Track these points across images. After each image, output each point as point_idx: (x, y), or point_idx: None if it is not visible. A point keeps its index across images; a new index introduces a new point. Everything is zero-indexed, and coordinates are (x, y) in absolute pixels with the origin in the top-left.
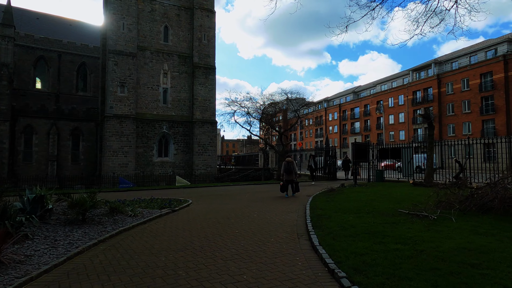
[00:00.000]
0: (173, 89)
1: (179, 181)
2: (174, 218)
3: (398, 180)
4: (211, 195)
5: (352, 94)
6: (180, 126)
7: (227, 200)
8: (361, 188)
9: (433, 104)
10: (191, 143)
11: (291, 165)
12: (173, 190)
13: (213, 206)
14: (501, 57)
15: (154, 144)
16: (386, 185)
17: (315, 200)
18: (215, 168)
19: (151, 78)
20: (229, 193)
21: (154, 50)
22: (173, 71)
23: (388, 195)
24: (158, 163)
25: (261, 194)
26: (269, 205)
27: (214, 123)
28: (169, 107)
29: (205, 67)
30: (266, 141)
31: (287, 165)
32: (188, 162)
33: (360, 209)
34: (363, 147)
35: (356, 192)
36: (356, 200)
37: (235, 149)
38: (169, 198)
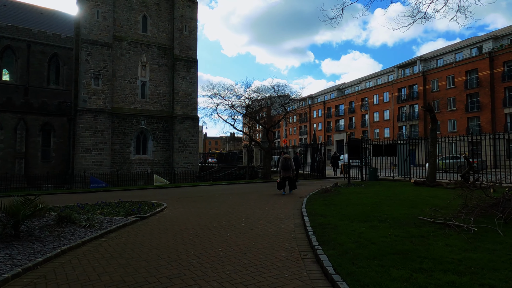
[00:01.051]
0: (152, 82)
1: (157, 180)
2: (142, 229)
3: (394, 179)
4: (191, 196)
5: (337, 91)
6: (160, 121)
7: (209, 203)
8: (358, 188)
9: (418, 101)
10: (171, 140)
11: (288, 161)
12: (149, 191)
13: (192, 211)
14: (486, 54)
15: (132, 140)
16: (384, 184)
17: (311, 202)
18: (196, 166)
19: (129, 71)
20: (211, 194)
21: (131, 40)
22: (152, 63)
23: (394, 196)
24: (136, 160)
25: (247, 196)
26: (258, 209)
27: (196, 119)
28: (147, 101)
29: (186, 60)
30: (252, 137)
31: (284, 162)
32: (168, 160)
33: (369, 216)
34: (357, 143)
35: (355, 193)
36: (359, 204)
37: (218, 147)
38: (140, 201)
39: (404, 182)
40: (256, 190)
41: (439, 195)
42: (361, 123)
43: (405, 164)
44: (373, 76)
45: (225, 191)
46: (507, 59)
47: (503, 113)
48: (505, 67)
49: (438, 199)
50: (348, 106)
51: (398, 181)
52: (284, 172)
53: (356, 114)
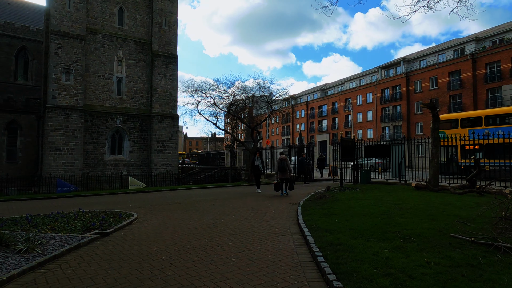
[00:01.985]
0: (129, 78)
1: (133, 182)
2: (99, 253)
3: (388, 182)
4: (168, 203)
5: (320, 92)
6: (137, 120)
7: (189, 212)
8: (354, 192)
9: (402, 102)
10: (149, 140)
11: (284, 162)
12: (121, 196)
13: (168, 224)
14: (469, 55)
15: (106, 140)
16: (381, 188)
17: (307, 211)
18: (176, 167)
19: (103, 66)
20: (191, 200)
21: (106, 34)
22: (129, 58)
23: (401, 204)
24: (111, 161)
25: (232, 202)
26: (247, 220)
27: (176, 118)
28: (124, 98)
29: (166, 56)
30: (235, 137)
31: (281, 163)
32: (145, 161)
33: (385, 231)
34: (350, 143)
35: (354, 199)
36: (366, 214)
37: (199, 147)
38: (106, 211)
39: (403, 186)
40: (241, 195)
41: (453, 202)
42: (344, 123)
43: (400, 166)
44: (356, 77)
45: (207, 196)
46: (489, 60)
47: None
48: (487, 68)
49: (455, 207)
50: (331, 107)
51: (393, 185)
52: (281, 174)
53: (339, 115)
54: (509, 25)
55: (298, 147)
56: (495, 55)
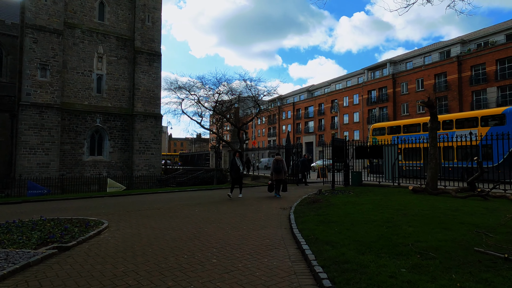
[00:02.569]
0: (110, 76)
1: (111, 184)
2: (49, 277)
3: (380, 184)
4: (147, 208)
5: (306, 93)
6: (118, 119)
7: (168, 219)
8: (348, 196)
9: (388, 103)
10: (130, 140)
11: (281, 163)
12: (96, 200)
13: (143, 234)
14: (455, 58)
15: (85, 140)
16: (376, 191)
17: (301, 218)
18: (159, 169)
19: (82, 62)
20: (172, 204)
21: (86, 29)
22: (110, 55)
23: (404, 210)
24: (90, 162)
25: (217, 207)
26: (234, 229)
27: (159, 117)
28: (104, 97)
29: (149, 53)
30: (221, 137)
31: (276, 164)
32: (126, 162)
33: (395, 244)
34: (341, 143)
35: (350, 203)
36: (367, 221)
37: (183, 148)
38: (72, 218)
39: (398, 189)
40: (227, 199)
41: (460, 207)
42: (331, 125)
43: (394, 168)
44: (343, 78)
45: (190, 200)
46: (475, 63)
47: None
48: (472, 71)
49: (465, 214)
50: (317, 108)
51: (387, 187)
52: (276, 175)
53: (326, 116)
54: (493, 28)
55: (286, 148)
56: (480, 57)
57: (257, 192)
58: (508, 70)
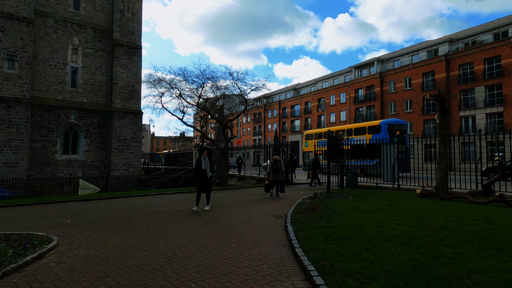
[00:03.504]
0: (86, 69)
1: (84, 186)
2: None
3: (378, 186)
4: (114, 217)
5: (292, 91)
6: (95, 116)
7: (138, 232)
8: (349, 201)
9: (375, 102)
10: (108, 138)
11: (278, 164)
12: (57, 207)
13: (99, 258)
14: (443, 56)
15: (58, 137)
16: (378, 195)
17: (302, 231)
18: (139, 168)
19: (55, 54)
20: (146, 211)
21: (59, 18)
22: (86, 47)
23: (426, 220)
24: (63, 162)
25: (198, 215)
26: (219, 249)
27: (139, 114)
28: (79, 91)
29: (129, 46)
30: (205, 134)
31: (275, 164)
32: (104, 161)
33: (440, 275)
34: (336, 142)
35: (356, 211)
36: (387, 237)
37: (166, 147)
38: (13, 233)
39: (403, 192)
40: (211, 205)
41: (491, 217)
42: (317, 124)
43: (394, 168)
44: (330, 77)
45: (169, 205)
46: (463, 62)
47: (458, 116)
48: (460, 70)
49: (505, 226)
50: (304, 107)
51: (386, 190)
52: (274, 175)
53: (312, 115)
54: (480, 27)
55: (274, 146)
56: (468, 56)
57: (244, 195)
58: (496, 69)
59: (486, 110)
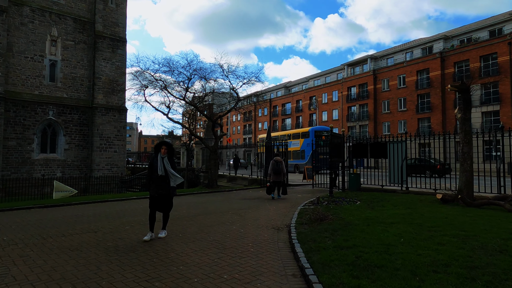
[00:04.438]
0: (66, 62)
1: (59, 188)
2: None
3: (383, 189)
4: (77, 231)
5: (283, 89)
6: (75, 112)
7: (101, 254)
8: (360, 208)
9: (369, 101)
10: (90, 136)
11: (280, 165)
12: (13, 215)
13: None
14: (438, 54)
15: (35, 135)
16: (390, 199)
17: (316, 255)
18: (123, 168)
19: (32, 45)
20: (120, 223)
21: (36, 7)
22: (66, 39)
23: (470, 236)
24: (41, 161)
25: (182, 227)
26: (207, 284)
27: (123, 111)
28: (59, 86)
29: (112, 38)
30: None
31: (276, 165)
32: (85, 161)
33: None
34: (339, 139)
35: (374, 222)
36: (434, 265)
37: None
38: None
39: (417, 197)
40: (198, 212)
41: None
42: (309, 122)
43: (401, 169)
44: (322, 74)
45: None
46: (458, 59)
47: (453, 114)
48: (455, 67)
49: None
50: (295, 105)
51: (394, 193)
52: (275, 176)
53: (304, 113)
54: (476, 24)
55: (267, 145)
56: (464, 54)
57: (237, 199)
58: (492, 67)
59: (482, 108)
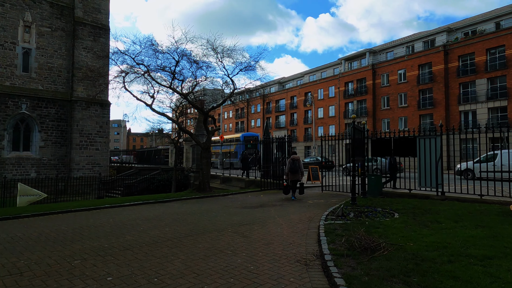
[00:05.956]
0: (42, 51)
1: (24, 192)
2: None
3: (411, 193)
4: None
5: (277, 85)
6: (52, 106)
7: None
8: (410, 224)
9: (367, 96)
10: (69, 132)
11: (297, 163)
12: None
13: None
14: (441, 47)
15: (5, 131)
16: (441, 211)
17: None
18: (106, 168)
19: (2, 31)
20: (71, 252)
21: None
22: (41, 25)
23: None
24: (12, 160)
25: (165, 261)
26: None
27: (106, 105)
28: (33, 77)
29: (94, 26)
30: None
31: (293, 163)
32: (63, 159)
33: None
34: (361, 135)
35: (462, 256)
36: None
37: (144, 144)
38: None
39: (473, 205)
40: (186, 230)
41: None
42: (304, 119)
43: (437, 169)
44: (318, 69)
45: (117, 232)
46: (462, 53)
47: (457, 110)
48: (460, 61)
49: None
50: (289, 101)
51: (431, 199)
52: (292, 175)
53: (299, 110)
54: (481, 16)
55: (264, 141)
56: (469, 47)
57: (235, 208)
58: (499, 61)
59: (488, 104)
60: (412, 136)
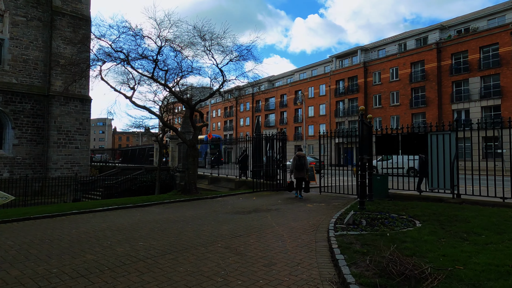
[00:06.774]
0: (16, 42)
1: None
2: None
3: (422, 196)
4: None
5: (267, 83)
6: (27, 101)
7: None
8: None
9: (359, 95)
10: (46, 129)
11: (302, 160)
12: None
13: None
14: (434, 45)
15: None
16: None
17: None
18: (86, 167)
19: None
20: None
21: None
22: (15, 14)
23: None
24: None
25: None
26: None
27: (87, 100)
28: (6, 69)
29: (74, 16)
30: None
31: (298, 161)
32: (40, 158)
33: None
34: (369, 130)
35: None
36: None
37: (129, 143)
38: None
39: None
40: (164, 245)
41: None
42: (294, 118)
43: (451, 169)
44: (308, 67)
45: (77, 248)
46: (455, 50)
47: (450, 109)
48: (453, 59)
49: None
50: (279, 100)
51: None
52: (297, 173)
53: (289, 109)
54: (474, 14)
55: (256, 139)
56: (462, 44)
57: (225, 214)
58: (492, 59)
59: (481, 102)
60: (423, 132)
